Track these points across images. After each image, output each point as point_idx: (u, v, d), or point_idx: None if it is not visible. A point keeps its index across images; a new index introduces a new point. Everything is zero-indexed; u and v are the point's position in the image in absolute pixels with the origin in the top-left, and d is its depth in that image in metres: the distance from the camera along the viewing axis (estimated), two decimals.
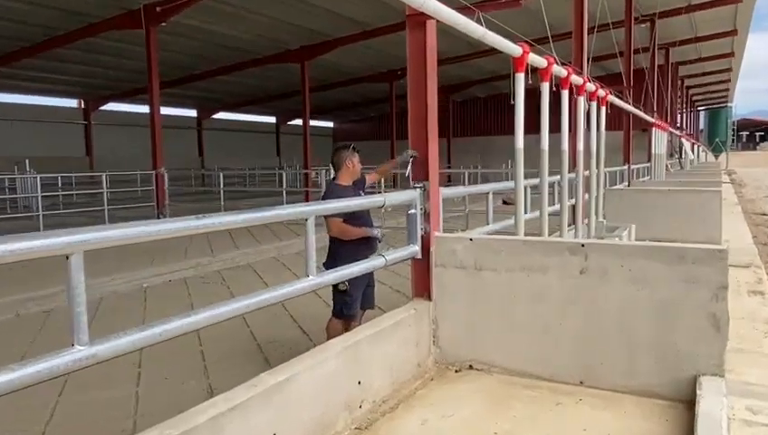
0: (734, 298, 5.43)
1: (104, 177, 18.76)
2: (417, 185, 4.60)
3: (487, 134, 47.62)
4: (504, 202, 17.72)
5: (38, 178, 17.80)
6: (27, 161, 22.44)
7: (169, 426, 2.53)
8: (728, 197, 19.18)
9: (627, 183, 17.73)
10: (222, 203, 19.91)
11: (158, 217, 18.83)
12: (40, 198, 17.03)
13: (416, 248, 4.52)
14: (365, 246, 5.65)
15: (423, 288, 4.54)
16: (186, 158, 39.73)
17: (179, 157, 37.09)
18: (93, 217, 19.28)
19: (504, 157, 31.02)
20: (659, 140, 20.30)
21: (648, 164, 21.44)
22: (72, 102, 36.39)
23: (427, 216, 4.53)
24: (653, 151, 20.19)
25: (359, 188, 5.88)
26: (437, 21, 4.33)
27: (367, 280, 5.83)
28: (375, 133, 49.33)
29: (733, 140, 62.58)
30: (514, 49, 5.24)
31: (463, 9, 4.63)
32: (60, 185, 25.46)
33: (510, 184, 7.77)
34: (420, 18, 4.35)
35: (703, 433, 2.87)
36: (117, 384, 5.91)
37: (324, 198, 6.00)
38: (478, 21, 4.71)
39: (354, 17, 22.70)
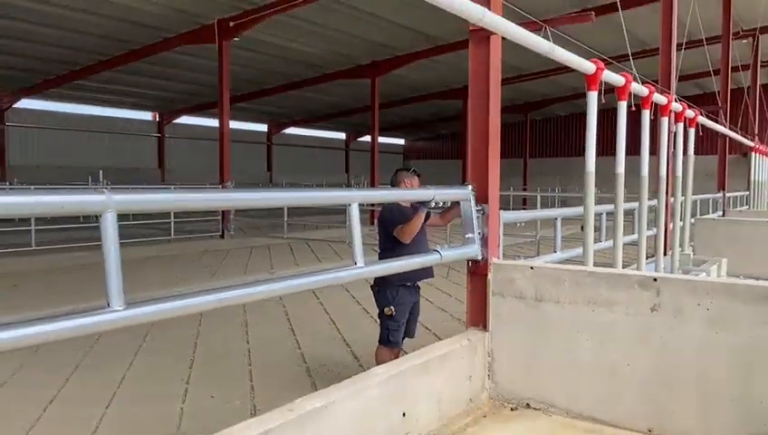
0: None
1: (172, 189, 18.92)
2: (476, 208, 4.32)
3: (567, 155, 42.90)
4: (584, 228, 16.16)
5: (109, 189, 18.00)
6: (101, 172, 22.98)
7: None
8: None
9: (721, 212, 16.57)
10: (285, 219, 20.75)
11: (222, 231, 18.95)
12: None
13: (475, 248, 4.17)
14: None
15: (479, 318, 4.24)
16: (255, 172, 40.10)
17: (248, 171, 37.61)
18: (160, 229, 19.65)
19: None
20: (761, 166, 18.83)
21: (748, 192, 19.67)
22: (147, 115, 37.19)
23: (485, 241, 4.24)
24: (752, 178, 18.67)
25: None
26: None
27: (411, 306, 5.63)
28: (447, 152, 48.82)
29: None
30: (587, 66, 4.93)
31: (531, 24, 4.36)
32: None
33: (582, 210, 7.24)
34: (483, 33, 4.09)
35: None
36: (163, 401, 5.79)
37: (381, 216, 5.68)
38: (546, 36, 4.42)
39: (426, 32, 22.33)
